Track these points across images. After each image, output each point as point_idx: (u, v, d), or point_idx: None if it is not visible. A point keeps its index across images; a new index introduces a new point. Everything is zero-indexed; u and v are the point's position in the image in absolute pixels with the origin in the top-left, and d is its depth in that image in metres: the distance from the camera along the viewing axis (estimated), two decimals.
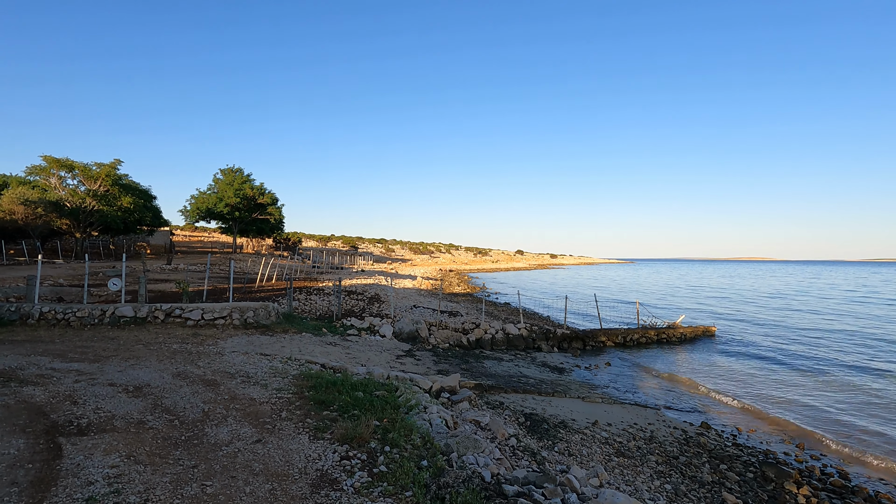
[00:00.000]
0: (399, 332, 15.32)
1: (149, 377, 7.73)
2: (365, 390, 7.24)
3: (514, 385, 11.08)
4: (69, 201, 40.23)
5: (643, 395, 11.87)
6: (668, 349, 18.64)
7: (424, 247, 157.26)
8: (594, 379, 13.22)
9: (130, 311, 12.65)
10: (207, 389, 7.11)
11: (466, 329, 16.67)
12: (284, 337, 12.49)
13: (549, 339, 17.33)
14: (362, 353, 11.99)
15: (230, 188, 55.22)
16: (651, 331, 19.50)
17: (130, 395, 6.78)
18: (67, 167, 41.62)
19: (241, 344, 11.04)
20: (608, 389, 12.00)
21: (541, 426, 8.30)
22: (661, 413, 10.21)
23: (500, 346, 16.38)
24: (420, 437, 5.52)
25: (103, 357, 9.21)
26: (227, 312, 13.11)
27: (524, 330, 17.08)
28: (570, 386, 11.81)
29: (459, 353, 14.65)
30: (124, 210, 43.44)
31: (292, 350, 11.03)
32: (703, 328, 21.05)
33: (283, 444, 5.15)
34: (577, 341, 17.82)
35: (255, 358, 9.60)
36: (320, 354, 11.01)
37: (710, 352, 18.23)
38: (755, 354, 17.66)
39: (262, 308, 13.68)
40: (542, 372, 13.28)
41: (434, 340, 15.53)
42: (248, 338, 11.84)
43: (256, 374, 8.10)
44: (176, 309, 12.94)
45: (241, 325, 13.01)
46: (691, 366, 15.83)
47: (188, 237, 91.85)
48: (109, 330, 11.94)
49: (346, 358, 11.18)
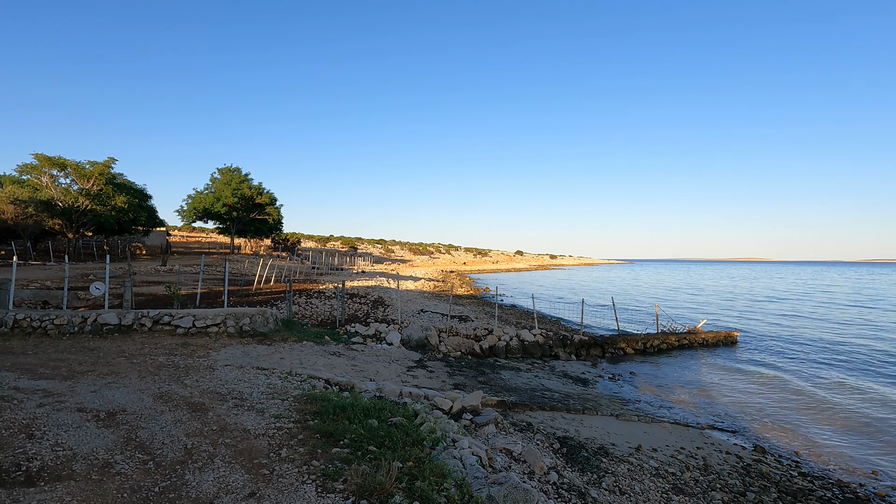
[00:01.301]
0: (407, 339, 14.21)
1: (126, 399, 6.62)
2: (379, 416, 6.14)
3: (538, 401, 9.98)
4: (61, 201, 39.06)
5: (679, 410, 10.79)
6: (690, 356, 17.56)
7: (424, 247, 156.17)
8: (622, 391, 12.14)
9: (114, 319, 11.53)
10: (193, 417, 6.00)
11: (479, 335, 15.58)
12: (284, 346, 11.38)
13: (566, 346, 16.24)
14: (370, 365, 10.88)
15: (228, 188, 54.08)
16: (672, 336, 18.43)
17: (101, 425, 5.67)
18: (59, 165, 40.42)
19: (235, 355, 9.93)
20: (640, 405, 10.92)
21: (579, 453, 7.21)
22: (706, 434, 9.12)
23: (515, 353, 15.28)
24: (455, 484, 4.42)
25: (78, 373, 8.09)
26: (220, 319, 12.00)
27: (540, 336, 15.99)
28: (600, 401, 10.72)
29: (473, 362, 13.56)
30: (118, 210, 42.27)
31: (293, 362, 9.92)
32: (725, 333, 19.98)
33: (282, 499, 4.04)
34: (596, 348, 16.73)
35: (251, 373, 8.49)
36: (324, 367, 9.91)
37: (735, 360, 17.15)
38: (784, 364, 16.58)
39: (260, 314, 12.57)
40: (566, 384, 12.19)
41: (445, 348, 14.43)
42: (244, 348, 10.73)
43: (252, 396, 6.99)
44: (165, 315, 11.82)
45: (237, 333, 11.89)
46: (719, 376, 14.76)
47: (185, 238, 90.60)
48: (90, 339, 10.81)
49: (352, 371, 10.07)
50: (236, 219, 55.17)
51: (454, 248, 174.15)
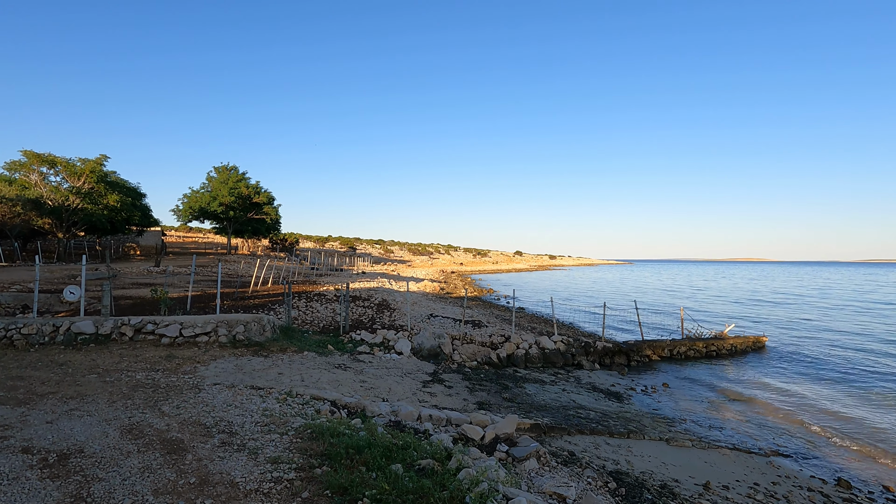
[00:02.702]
0: (418, 348, 12.92)
1: (86, 435, 5.33)
2: (404, 458, 4.86)
3: (575, 422, 8.71)
4: (51, 199, 37.62)
5: (732, 431, 9.51)
6: (720, 364, 16.32)
7: (423, 248, 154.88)
8: (661, 408, 10.87)
9: (90, 327, 10.20)
10: (167, 462, 4.70)
11: (495, 343, 14.28)
12: (282, 358, 10.07)
13: (588, 354, 14.96)
14: (380, 380, 9.58)
15: (224, 187, 52.63)
16: (699, 342, 17.17)
17: (46, 475, 4.38)
18: (49, 163, 38.99)
19: (226, 370, 8.63)
20: (687, 425, 9.64)
21: (641, 495, 5.94)
22: (774, 463, 7.85)
23: (536, 363, 13.99)
24: None
25: (37, 395, 6.78)
26: (211, 327, 10.68)
27: (560, 343, 14.70)
28: (642, 421, 9.44)
29: (491, 373, 12.27)
30: (110, 209, 40.86)
31: (292, 378, 8.63)
32: (753, 339, 18.73)
33: None
34: (621, 356, 15.46)
35: (244, 394, 7.20)
36: (328, 384, 8.61)
37: (770, 367, 15.90)
38: (822, 373, 15.32)
39: (255, 321, 11.26)
40: (598, 399, 10.91)
41: (459, 357, 13.14)
42: (237, 361, 9.43)
43: (243, 428, 5.70)
44: (148, 323, 10.50)
45: (229, 342, 10.58)
46: (760, 387, 13.51)
47: (182, 238, 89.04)
48: (61, 352, 9.49)
49: (361, 388, 8.77)
50: (233, 218, 53.74)
51: (453, 248, 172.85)
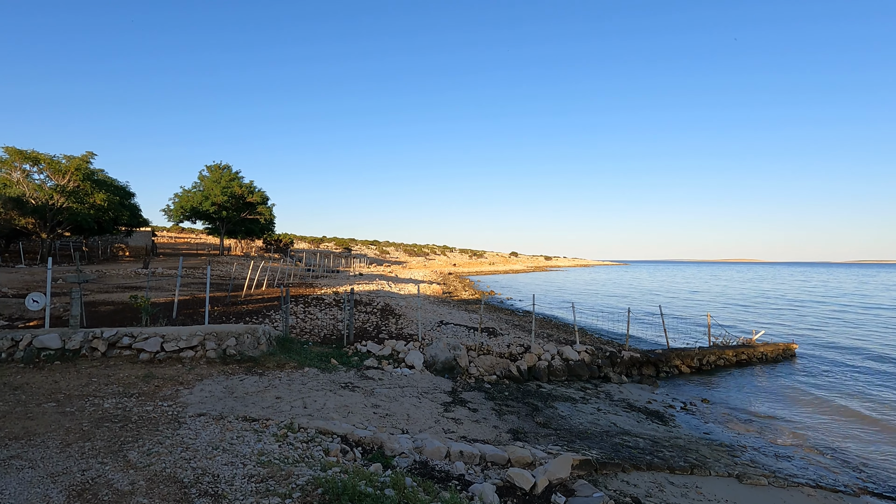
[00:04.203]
0: (432, 360, 11.58)
1: (19, 502, 3.94)
2: None
3: (626, 453, 7.40)
4: (34, 198, 35.89)
5: (802, 462, 8.23)
6: (752, 374, 15.11)
7: (419, 249, 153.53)
8: (712, 431, 9.59)
9: (56, 341, 8.77)
10: None
11: (514, 354, 12.96)
12: (280, 377, 8.70)
13: (615, 365, 13.68)
14: (395, 403, 8.22)
15: (217, 186, 50.98)
16: (728, 351, 15.95)
17: None
18: (32, 160, 37.18)
19: (214, 395, 7.25)
20: (750, 454, 8.36)
21: None
22: None
23: (559, 375, 12.68)
24: None
25: None
26: (198, 341, 9.28)
27: (585, 354, 13.40)
28: (699, 449, 8.15)
29: (514, 389, 10.95)
30: (97, 208, 39.08)
31: (293, 404, 7.26)
32: (784, 346, 17.53)
33: None
34: (649, 367, 14.19)
35: (235, 429, 5.83)
36: (336, 411, 7.25)
37: (806, 378, 14.67)
38: (866, 385, 14.13)
39: (249, 333, 9.87)
40: (640, 421, 9.61)
41: (476, 371, 11.81)
42: (227, 381, 8.04)
43: (233, 486, 4.33)
44: (124, 336, 9.09)
45: (219, 358, 9.19)
46: (809, 403, 12.25)
47: (174, 239, 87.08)
48: (20, 371, 8.05)
49: (374, 416, 7.41)
50: (226, 218, 52.08)
51: (449, 249, 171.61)
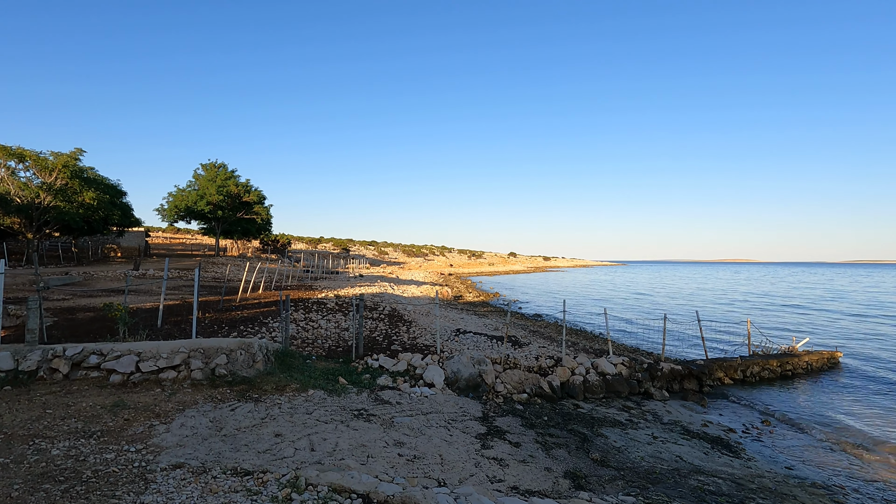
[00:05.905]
0: (454, 377, 10.07)
1: None
2: None
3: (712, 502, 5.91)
4: (19, 196, 34.20)
5: None
6: (799, 387, 13.69)
7: (417, 249, 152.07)
8: (795, 465, 8.11)
9: (8, 362, 7.22)
10: None
11: (544, 368, 11.47)
12: (280, 404, 7.19)
13: (654, 379, 12.20)
14: (422, 439, 6.70)
15: (212, 185, 49.32)
16: (773, 361, 14.50)
17: None
18: (18, 156, 35.46)
19: (196, 434, 5.73)
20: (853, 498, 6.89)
21: None
22: None
23: (596, 392, 11.19)
24: None
25: None
26: (181, 359, 7.75)
27: (622, 367, 11.92)
28: (793, 493, 6.67)
29: (549, 411, 9.45)
30: (86, 207, 37.41)
31: (297, 445, 5.75)
32: (828, 354, 16.11)
33: None
34: (691, 380, 12.72)
35: (220, 490, 4.30)
36: (351, 453, 5.73)
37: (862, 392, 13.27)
38: None
39: (243, 348, 8.34)
40: (707, 453, 8.13)
41: (503, 388, 10.31)
42: (215, 412, 6.52)
43: None
44: (92, 354, 7.55)
45: (206, 379, 7.67)
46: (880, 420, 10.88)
47: (169, 239, 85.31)
48: None
49: (400, 459, 5.90)
50: (222, 218, 50.45)
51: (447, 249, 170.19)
